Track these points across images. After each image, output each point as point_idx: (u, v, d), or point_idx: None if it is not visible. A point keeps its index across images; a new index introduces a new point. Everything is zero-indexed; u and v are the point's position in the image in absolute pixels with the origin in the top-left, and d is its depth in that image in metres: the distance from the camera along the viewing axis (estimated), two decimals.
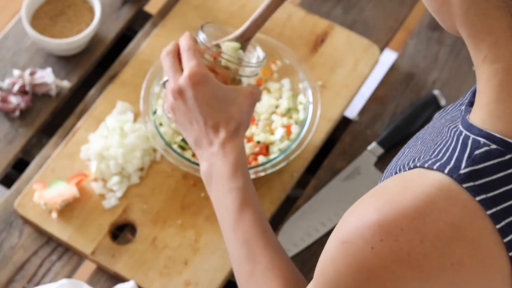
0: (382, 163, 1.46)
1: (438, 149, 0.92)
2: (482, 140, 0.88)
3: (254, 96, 1.23)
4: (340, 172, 1.45)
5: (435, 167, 0.88)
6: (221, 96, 1.20)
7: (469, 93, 1.01)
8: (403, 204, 0.87)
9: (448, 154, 0.90)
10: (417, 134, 1.12)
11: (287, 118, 1.43)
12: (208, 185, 1.21)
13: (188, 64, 1.21)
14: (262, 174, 1.37)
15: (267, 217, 1.40)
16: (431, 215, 0.86)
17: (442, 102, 1.50)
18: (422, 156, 0.94)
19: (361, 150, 1.48)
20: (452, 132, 0.92)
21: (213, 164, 1.20)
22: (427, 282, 0.86)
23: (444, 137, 0.94)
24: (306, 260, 1.38)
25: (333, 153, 1.47)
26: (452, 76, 1.55)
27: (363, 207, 0.90)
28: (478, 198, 0.86)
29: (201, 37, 1.25)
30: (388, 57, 1.97)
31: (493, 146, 0.87)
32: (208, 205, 1.40)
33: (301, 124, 1.41)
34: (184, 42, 1.24)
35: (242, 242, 1.15)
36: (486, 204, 0.86)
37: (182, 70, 1.22)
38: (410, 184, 0.89)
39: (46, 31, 1.52)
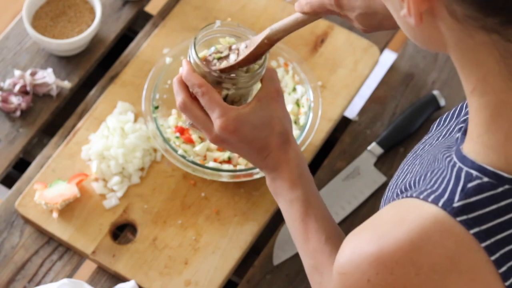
0: (382, 163, 1.47)
1: (434, 179, 0.92)
2: (474, 173, 0.88)
3: (278, 91, 1.20)
4: (340, 172, 1.45)
5: (430, 199, 0.89)
6: (257, 123, 1.17)
7: (466, 116, 1.00)
8: (398, 237, 0.88)
9: (443, 186, 0.90)
10: (415, 149, 1.11)
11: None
12: (276, 198, 1.21)
13: (213, 114, 1.16)
14: (258, 176, 1.37)
15: (268, 216, 1.40)
16: (426, 248, 0.87)
17: (442, 102, 1.50)
18: (419, 183, 0.94)
19: (361, 150, 1.48)
20: (447, 162, 0.93)
21: (273, 179, 1.19)
22: None
23: (440, 166, 0.94)
24: None
25: (333, 153, 1.48)
26: (451, 76, 1.55)
27: (360, 238, 0.91)
28: (472, 231, 0.87)
29: (195, 60, 1.18)
30: (388, 58, 1.98)
31: (485, 179, 0.88)
32: (208, 205, 1.40)
33: (301, 127, 1.42)
34: (194, 82, 1.17)
35: (309, 253, 1.16)
36: (480, 236, 0.87)
37: (206, 115, 1.18)
38: (406, 215, 0.89)
39: (47, 32, 1.52)
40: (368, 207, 1.43)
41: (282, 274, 1.38)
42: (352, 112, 1.55)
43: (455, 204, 0.87)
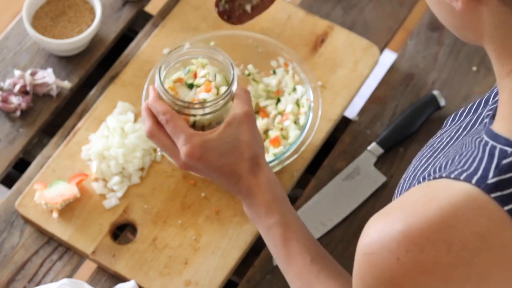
0: (382, 163, 1.47)
1: (464, 159, 0.91)
2: (509, 149, 0.88)
3: (248, 114, 1.17)
4: (340, 172, 1.45)
5: (462, 177, 0.88)
6: (225, 148, 1.15)
7: (492, 106, 1.01)
8: (429, 215, 0.87)
9: (475, 164, 0.89)
10: (431, 143, 1.11)
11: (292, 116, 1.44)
12: (255, 223, 1.19)
13: (178, 141, 1.15)
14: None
15: None
16: (458, 226, 0.86)
17: (442, 102, 1.50)
18: (447, 166, 0.93)
19: (361, 150, 1.48)
20: (477, 143, 0.92)
21: (249, 205, 1.18)
22: None
23: (469, 148, 0.93)
24: None
25: (333, 153, 1.48)
26: (451, 76, 1.55)
27: (386, 218, 0.90)
28: (506, 208, 0.86)
29: (160, 87, 1.17)
30: (388, 58, 1.98)
31: None
32: (208, 205, 1.40)
33: (301, 127, 1.42)
34: (158, 109, 1.16)
35: (295, 276, 1.15)
36: None
37: (173, 143, 1.17)
38: (436, 194, 0.88)
39: (47, 32, 1.52)
40: (368, 207, 1.43)
41: (282, 274, 1.37)
42: (352, 112, 1.55)
43: (490, 181, 0.87)
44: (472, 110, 1.09)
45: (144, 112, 1.18)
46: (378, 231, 0.90)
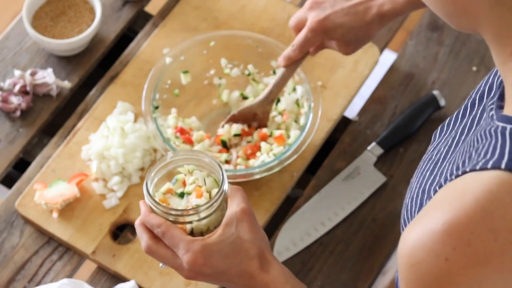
0: (381, 163, 1.47)
1: (483, 151, 0.90)
2: None
3: (245, 211, 1.13)
4: (340, 172, 1.45)
5: (489, 166, 0.87)
6: (228, 250, 1.11)
7: (492, 100, 1.00)
8: (467, 207, 0.85)
9: (497, 151, 0.88)
10: (424, 158, 1.09)
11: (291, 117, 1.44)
12: None
13: (179, 251, 1.11)
14: (263, 175, 1.37)
15: (267, 216, 1.40)
16: (499, 211, 0.85)
17: (442, 102, 1.50)
18: (465, 164, 0.92)
19: (361, 150, 1.48)
20: (493, 132, 0.91)
21: None
22: (510, 278, 0.85)
23: (484, 141, 0.92)
24: (306, 260, 1.38)
25: (333, 153, 1.48)
26: (451, 76, 1.55)
27: (422, 223, 0.88)
28: None
29: (150, 202, 1.13)
30: (388, 58, 1.98)
31: None
32: None
33: (301, 127, 1.42)
34: (153, 223, 1.13)
35: None
36: None
37: (174, 254, 1.13)
38: (467, 188, 0.87)
39: (47, 32, 1.52)
40: (368, 207, 1.43)
41: None
42: (352, 112, 1.55)
43: None
44: (460, 116, 1.09)
45: (139, 228, 1.14)
46: (418, 238, 0.87)
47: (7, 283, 1.35)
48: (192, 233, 1.14)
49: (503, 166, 0.86)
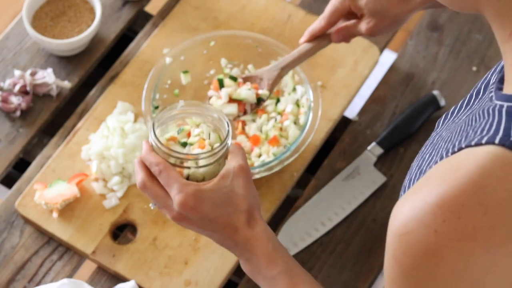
0: (381, 163, 1.47)
1: (480, 128, 0.91)
2: None
3: (243, 168, 1.15)
4: (340, 172, 1.45)
5: (483, 141, 0.88)
6: (220, 200, 1.13)
7: (493, 79, 1.00)
8: (460, 181, 0.86)
9: (493, 127, 0.89)
10: (427, 143, 1.10)
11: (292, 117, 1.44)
12: (254, 278, 1.16)
13: (171, 191, 1.13)
14: (263, 174, 1.37)
15: (267, 216, 1.41)
16: (490, 186, 0.85)
17: (442, 102, 1.50)
18: (461, 141, 0.92)
19: (361, 150, 1.48)
20: (490, 110, 0.92)
21: (248, 259, 1.15)
22: (497, 253, 0.85)
23: (481, 119, 0.93)
24: (306, 260, 1.38)
25: (333, 153, 1.48)
26: (451, 76, 1.55)
27: (416, 195, 0.89)
28: None
29: (154, 141, 1.16)
30: (388, 58, 1.98)
31: None
32: None
33: (301, 127, 1.42)
34: (151, 161, 1.15)
35: None
36: None
37: (166, 194, 1.14)
38: (462, 163, 0.88)
39: (47, 32, 1.52)
40: (368, 207, 1.43)
41: None
42: (352, 112, 1.55)
43: None
44: (464, 104, 1.09)
45: (137, 165, 1.16)
46: (410, 209, 0.88)
47: (7, 283, 1.35)
48: (187, 180, 1.15)
49: (497, 141, 0.87)
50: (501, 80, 0.97)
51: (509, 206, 0.85)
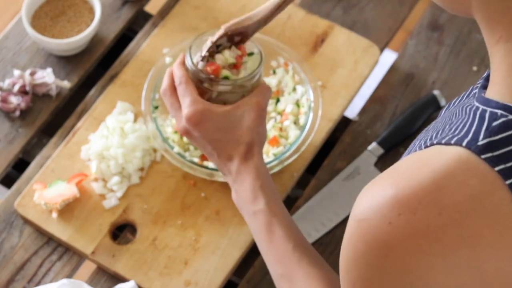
0: (382, 163, 1.47)
1: (455, 126, 0.92)
2: (499, 111, 0.89)
3: (260, 104, 1.22)
4: (340, 172, 1.45)
5: (452, 141, 0.89)
6: (225, 125, 1.19)
7: (480, 80, 1.02)
8: (421, 178, 0.87)
9: (465, 128, 0.90)
10: (427, 127, 1.12)
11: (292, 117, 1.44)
12: (240, 210, 1.22)
13: (183, 103, 1.21)
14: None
15: None
16: (450, 188, 0.86)
17: (442, 102, 1.50)
18: (438, 135, 0.94)
19: (361, 150, 1.48)
20: (468, 109, 0.93)
21: (237, 190, 1.21)
22: (447, 254, 0.87)
23: (459, 116, 0.94)
24: None
25: (333, 153, 1.48)
26: (452, 76, 1.55)
27: (378, 185, 0.91)
28: (497, 168, 0.86)
29: (189, 62, 1.25)
30: (388, 57, 1.98)
31: (511, 117, 0.88)
32: (208, 205, 1.40)
33: (301, 127, 1.41)
34: (176, 73, 1.25)
35: (276, 262, 1.16)
36: (505, 174, 0.86)
37: (179, 105, 1.23)
38: (427, 160, 0.89)
39: (47, 31, 1.52)
40: None
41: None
42: (352, 112, 1.55)
43: (480, 142, 0.87)
44: (461, 97, 1.10)
45: (166, 73, 1.26)
46: (370, 197, 0.90)
47: (7, 283, 1.35)
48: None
49: (464, 143, 0.88)
50: (487, 77, 0.98)
51: (464, 210, 0.86)
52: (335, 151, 1.48)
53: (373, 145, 1.47)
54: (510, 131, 0.88)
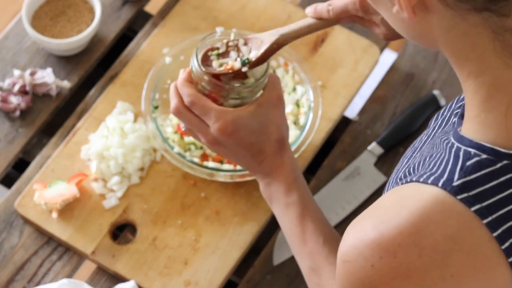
0: (382, 163, 1.47)
1: (433, 162, 0.93)
2: (472, 150, 0.89)
3: (280, 98, 1.21)
4: (340, 172, 1.45)
5: (429, 181, 0.90)
6: (256, 127, 1.19)
7: (462, 102, 1.02)
8: (399, 221, 0.88)
9: (442, 167, 0.91)
10: (414, 143, 1.13)
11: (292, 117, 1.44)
12: (270, 203, 1.23)
13: (209, 119, 1.18)
14: None
15: (268, 216, 1.40)
16: (428, 229, 0.87)
17: (442, 102, 1.50)
18: (418, 169, 0.95)
19: (361, 150, 1.48)
20: (445, 144, 0.94)
21: (268, 184, 1.22)
22: None
23: (438, 149, 0.95)
24: None
25: (333, 153, 1.48)
26: (451, 76, 1.55)
27: (360, 226, 0.92)
28: (473, 208, 0.87)
29: (197, 69, 1.21)
30: (388, 57, 1.98)
31: (484, 156, 0.89)
32: (208, 205, 1.40)
33: (301, 127, 1.41)
34: (185, 92, 1.20)
35: (307, 255, 1.17)
36: (482, 213, 0.87)
37: (201, 120, 1.20)
38: (405, 200, 0.90)
39: (47, 31, 1.52)
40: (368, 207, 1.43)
41: (282, 274, 1.37)
42: (352, 112, 1.55)
43: (455, 183, 0.88)
44: (448, 107, 1.10)
45: (172, 90, 1.22)
46: (353, 239, 0.91)
47: (7, 283, 1.35)
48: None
49: (440, 184, 0.89)
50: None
51: (444, 250, 0.87)
52: (335, 151, 1.48)
53: (373, 145, 1.47)
54: (484, 170, 0.88)
